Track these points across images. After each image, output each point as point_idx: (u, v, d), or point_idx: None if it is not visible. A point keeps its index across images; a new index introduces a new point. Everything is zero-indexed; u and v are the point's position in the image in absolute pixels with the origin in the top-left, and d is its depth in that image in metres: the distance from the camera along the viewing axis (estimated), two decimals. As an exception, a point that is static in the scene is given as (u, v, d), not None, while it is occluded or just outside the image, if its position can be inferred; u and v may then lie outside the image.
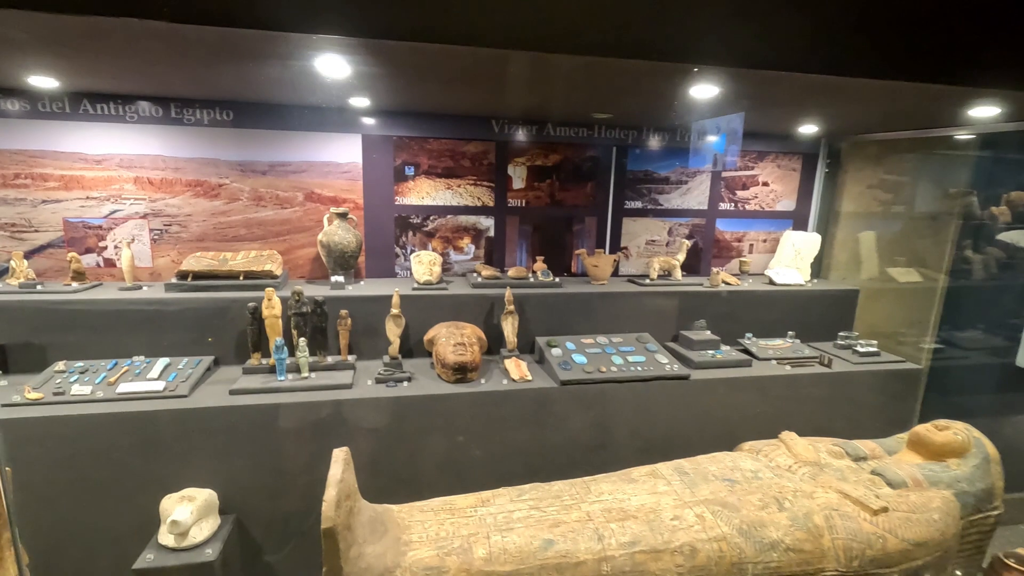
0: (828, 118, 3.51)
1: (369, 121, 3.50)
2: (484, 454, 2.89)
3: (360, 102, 3.19)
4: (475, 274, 3.60)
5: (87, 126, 3.17)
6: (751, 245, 4.37)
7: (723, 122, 3.66)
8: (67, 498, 2.49)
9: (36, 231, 3.25)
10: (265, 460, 2.65)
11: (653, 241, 4.16)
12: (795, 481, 2.21)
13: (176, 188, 3.36)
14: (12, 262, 3.04)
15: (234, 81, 2.74)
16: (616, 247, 4.08)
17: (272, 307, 2.85)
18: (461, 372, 2.88)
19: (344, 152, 3.52)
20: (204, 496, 2.49)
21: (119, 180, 3.28)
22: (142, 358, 2.92)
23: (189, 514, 2.39)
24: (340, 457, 2.22)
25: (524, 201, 3.86)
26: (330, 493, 1.91)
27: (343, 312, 2.94)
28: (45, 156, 3.17)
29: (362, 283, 3.50)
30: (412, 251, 3.75)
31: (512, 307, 3.16)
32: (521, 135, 3.73)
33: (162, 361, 2.88)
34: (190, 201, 3.39)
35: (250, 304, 2.84)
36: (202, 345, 3.03)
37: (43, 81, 2.76)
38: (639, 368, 3.08)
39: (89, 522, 2.52)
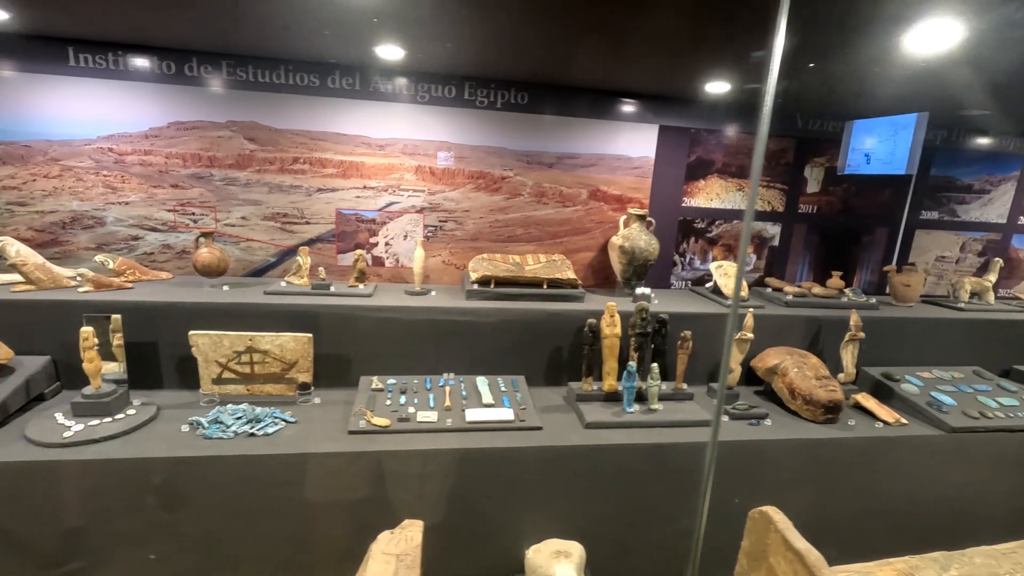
0: None
1: (668, 110, 3.05)
2: (855, 508, 2.44)
3: (720, 87, 2.75)
4: (777, 291, 3.13)
5: (374, 106, 2.79)
6: (1044, 265, 3.82)
7: (900, 122, 3.11)
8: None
9: (307, 223, 2.90)
10: (623, 507, 2.24)
11: (943, 257, 3.64)
12: None
13: (457, 180, 2.97)
14: (299, 258, 2.69)
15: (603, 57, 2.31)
16: (904, 263, 3.57)
17: (614, 325, 2.43)
18: (833, 411, 2.44)
19: (637, 145, 3.07)
20: (577, 551, 2.10)
21: (400, 169, 2.90)
22: (453, 375, 2.55)
23: (573, 573, 2.00)
24: (789, 523, 1.82)
25: (815, 207, 3.37)
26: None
27: (685, 333, 2.51)
28: (327, 139, 2.80)
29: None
30: (691, 259, 3.31)
31: (862, 334, 2.69)
32: (826, 131, 3.24)
33: (481, 380, 2.50)
34: (469, 195, 3.00)
35: (590, 320, 2.44)
36: (504, 362, 2.64)
37: (390, 51, 2.37)
38: (1025, 415, 2.59)
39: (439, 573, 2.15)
